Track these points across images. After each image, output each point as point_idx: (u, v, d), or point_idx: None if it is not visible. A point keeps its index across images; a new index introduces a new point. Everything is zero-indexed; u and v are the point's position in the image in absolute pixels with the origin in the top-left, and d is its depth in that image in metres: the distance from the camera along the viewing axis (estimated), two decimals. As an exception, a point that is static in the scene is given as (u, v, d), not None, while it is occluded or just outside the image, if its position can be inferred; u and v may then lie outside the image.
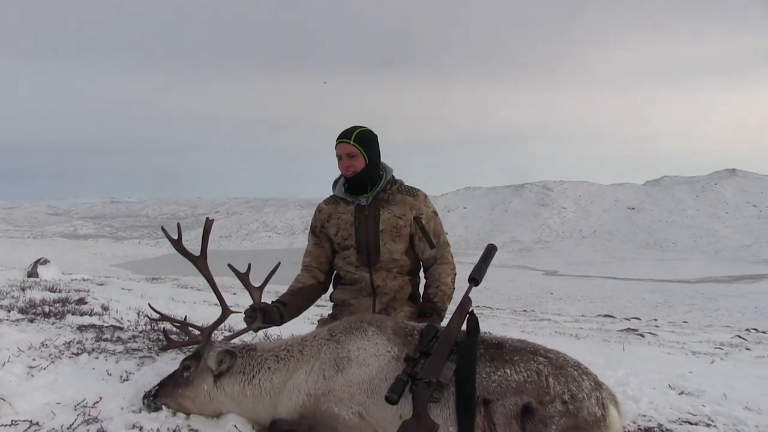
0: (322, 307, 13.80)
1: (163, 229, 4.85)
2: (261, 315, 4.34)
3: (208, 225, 4.10)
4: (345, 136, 4.69)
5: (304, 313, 4.88)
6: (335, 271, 5.04)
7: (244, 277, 4.24)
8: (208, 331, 3.97)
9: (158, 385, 3.82)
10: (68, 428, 3.27)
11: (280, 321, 4.55)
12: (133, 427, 3.35)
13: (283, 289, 4.83)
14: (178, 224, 4.24)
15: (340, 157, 4.71)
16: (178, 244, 4.10)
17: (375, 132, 4.80)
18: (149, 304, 4.67)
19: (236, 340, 4.28)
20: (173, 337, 4.23)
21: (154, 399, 3.72)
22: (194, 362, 3.81)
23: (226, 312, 4.09)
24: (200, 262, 4.08)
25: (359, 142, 4.67)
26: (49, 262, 14.75)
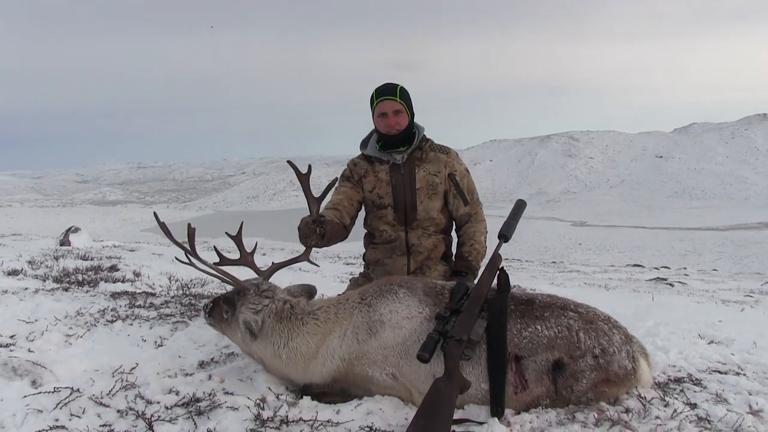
0: (352, 265, 13.85)
1: (289, 162, 4.52)
2: (320, 231, 4.07)
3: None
4: (389, 92, 4.58)
5: (335, 271, 4.83)
6: (367, 231, 4.99)
7: (304, 179, 4.01)
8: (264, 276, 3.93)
9: (212, 302, 3.86)
10: (107, 394, 3.33)
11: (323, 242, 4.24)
12: (170, 391, 3.40)
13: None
14: (309, 166, 4.05)
15: (384, 115, 4.58)
16: (305, 180, 4.00)
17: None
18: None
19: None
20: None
21: (208, 315, 3.84)
22: (230, 308, 3.74)
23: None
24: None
25: (404, 98, 4.61)
26: (80, 230, 14.97)
